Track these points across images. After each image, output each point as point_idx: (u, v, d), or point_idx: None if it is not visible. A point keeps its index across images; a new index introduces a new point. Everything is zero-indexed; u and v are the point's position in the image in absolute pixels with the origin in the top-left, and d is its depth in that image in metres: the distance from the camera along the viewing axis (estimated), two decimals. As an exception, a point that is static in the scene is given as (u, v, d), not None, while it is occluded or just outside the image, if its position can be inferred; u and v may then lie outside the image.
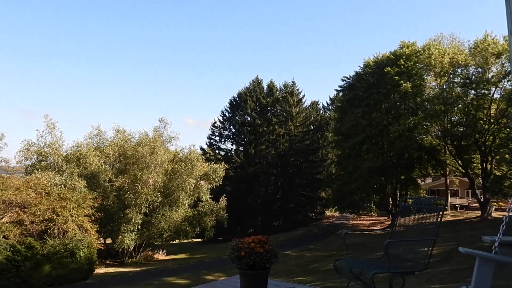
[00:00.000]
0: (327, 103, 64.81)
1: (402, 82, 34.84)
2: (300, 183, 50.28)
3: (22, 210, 25.40)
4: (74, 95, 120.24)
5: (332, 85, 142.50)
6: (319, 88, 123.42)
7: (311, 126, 55.31)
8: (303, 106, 54.85)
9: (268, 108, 52.30)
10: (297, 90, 53.66)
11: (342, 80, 42.36)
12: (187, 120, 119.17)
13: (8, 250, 22.48)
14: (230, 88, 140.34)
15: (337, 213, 54.58)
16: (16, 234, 23.70)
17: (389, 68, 35.36)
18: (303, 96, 54.28)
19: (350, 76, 41.16)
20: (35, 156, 31.66)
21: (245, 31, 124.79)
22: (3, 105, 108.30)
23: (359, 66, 40.51)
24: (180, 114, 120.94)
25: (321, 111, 62.15)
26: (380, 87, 36.34)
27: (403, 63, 35.52)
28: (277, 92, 53.46)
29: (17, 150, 31.79)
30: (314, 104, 60.01)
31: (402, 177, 38.08)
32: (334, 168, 47.18)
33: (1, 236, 22.03)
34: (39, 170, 29.39)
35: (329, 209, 54.36)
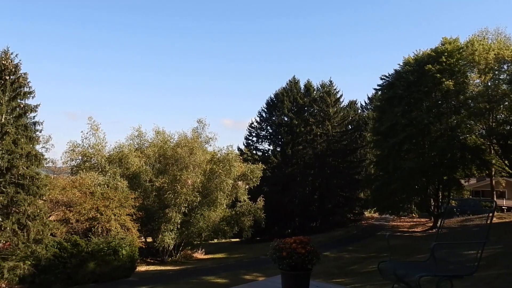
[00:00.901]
0: (366, 102, 63.78)
1: (444, 79, 33.76)
2: (338, 184, 49.65)
3: (68, 209, 26.43)
4: (116, 98, 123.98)
5: (370, 84, 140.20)
6: (357, 87, 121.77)
7: (349, 126, 54.50)
8: (341, 105, 54.14)
9: (305, 108, 51.95)
10: (335, 89, 53.04)
11: (381, 79, 41.57)
12: (224, 121, 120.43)
13: (55, 247, 23.43)
14: (267, 88, 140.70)
15: (376, 214, 53.49)
16: (63, 232, 24.67)
17: (430, 66, 34.34)
18: (341, 96, 53.63)
19: (389, 75, 40.31)
20: (80, 157, 32.84)
21: (282, 33, 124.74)
22: (49, 108, 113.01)
23: (399, 64, 39.60)
24: (217, 115, 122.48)
25: (359, 111, 61.16)
26: (421, 85, 35.36)
27: (445, 60, 34.41)
28: (314, 92, 53.02)
29: (63, 151, 33.11)
30: (352, 103, 59.14)
31: (445, 177, 36.89)
32: (373, 168, 46.30)
33: (49, 234, 22.94)
34: (84, 170, 30.48)
35: (368, 210, 53.40)
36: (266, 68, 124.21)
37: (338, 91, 53.43)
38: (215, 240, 39.30)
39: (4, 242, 21.58)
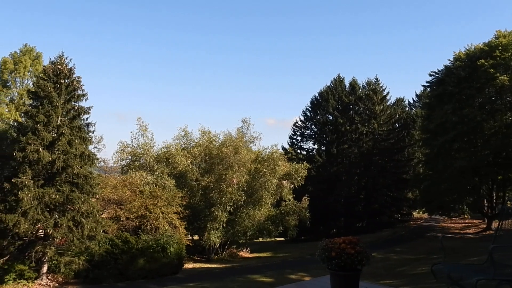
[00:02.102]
0: (414, 100, 61.92)
1: (498, 75, 32.13)
2: (385, 183, 48.55)
3: (119, 207, 27.41)
4: (162, 99, 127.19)
5: (418, 81, 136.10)
6: (404, 84, 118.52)
7: (396, 124, 53.13)
8: (388, 103, 52.84)
9: (351, 107, 51.15)
10: (381, 87, 51.87)
11: (430, 75, 40.15)
12: (268, 120, 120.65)
13: (107, 243, 24.37)
14: (311, 87, 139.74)
15: (425, 215, 51.83)
16: (114, 229, 25.61)
17: (483, 61, 32.81)
18: (387, 93, 52.38)
19: (438, 71, 38.89)
20: (130, 157, 33.97)
21: (326, 31, 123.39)
22: (99, 109, 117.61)
23: (449, 60, 38.06)
24: (261, 114, 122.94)
25: (407, 108, 59.46)
26: (473, 81, 33.87)
27: (499, 54, 32.74)
28: (360, 90, 52.09)
29: (114, 151, 34.41)
30: (399, 101, 57.59)
31: (499, 177, 35.19)
32: (421, 167, 44.90)
33: (101, 231, 23.87)
34: (133, 169, 31.51)
35: (417, 210, 51.86)
36: (310, 67, 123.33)
37: (385, 88, 52.25)
38: (260, 239, 39.50)
39: (60, 238, 22.66)
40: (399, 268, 24.30)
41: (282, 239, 43.63)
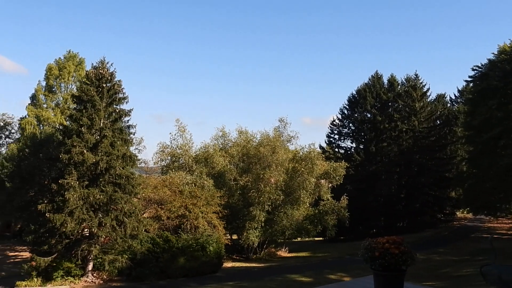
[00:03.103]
0: (455, 96, 59.85)
1: (546, 67, 30.70)
2: (426, 182, 47.22)
3: (160, 206, 28.03)
4: (199, 99, 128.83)
5: (461, 76, 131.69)
6: (445, 80, 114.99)
7: (437, 121, 51.59)
8: (428, 100, 51.39)
9: (389, 104, 50.08)
10: (421, 83, 50.50)
11: (473, 70, 38.69)
12: (304, 119, 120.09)
13: (149, 242, 24.98)
14: (347, 85, 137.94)
15: (469, 215, 50.09)
16: (155, 228, 26.21)
17: (529, 53, 31.43)
18: (428, 89, 50.92)
19: (482, 65, 37.42)
20: (169, 157, 34.64)
21: (365, 28, 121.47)
22: (139, 111, 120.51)
23: (493, 54, 36.54)
24: (297, 113, 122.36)
25: (448, 105, 57.52)
26: (519, 75, 32.46)
27: (547, 46, 31.30)
28: (399, 87, 50.92)
29: (154, 152, 35.20)
30: (440, 97, 55.86)
31: (549, 175, 33.56)
32: (465, 165, 43.36)
33: (143, 230, 24.49)
34: (173, 170, 32.11)
35: (460, 210, 50.19)
36: (347, 64, 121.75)
37: (425, 84, 50.82)
38: (299, 239, 39.34)
39: (104, 237, 23.41)
40: (442, 270, 23.62)
41: (321, 238, 43.30)
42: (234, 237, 34.74)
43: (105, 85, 24.55)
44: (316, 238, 43.15)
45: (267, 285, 21.69)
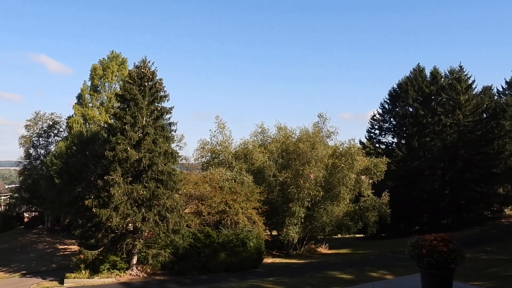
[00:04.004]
0: (503, 88, 57.22)
1: None
2: (472, 178, 45.51)
3: (200, 202, 28.48)
4: (237, 96, 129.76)
5: (508, 67, 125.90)
6: (492, 71, 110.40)
7: (484, 114, 49.50)
8: (473, 92, 49.40)
9: (432, 97, 48.53)
10: (465, 75, 48.60)
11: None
12: (343, 114, 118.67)
13: (190, 237, 25.46)
14: (388, 80, 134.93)
15: (519, 212, 48.03)
16: (196, 223, 26.67)
17: None
18: (473, 82, 48.90)
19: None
20: (209, 154, 35.09)
21: (404, 26, 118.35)
22: (179, 109, 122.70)
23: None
24: (336, 109, 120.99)
25: (496, 97, 55.12)
26: None
27: None
28: (442, 80, 49.23)
29: (194, 149, 35.76)
30: (487, 89, 53.59)
31: None
32: (514, 160, 41.59)
33: (185, 225, 24.98)
34: (213, 166, 32.51)
35: (509, 207, 48.11)
36: (386, 60, 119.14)
37: (470, 76, 48.86)
38: (339, 235, 38.96)
39: (148, 231, 24.06)
40: (490, 269, 22.73)
41: (362, 235, 42.70)
42: (274, 233, 34.83)
43: (147, 83, 25.12)
44: (357, 235, 42.58)
45: (307, 282, 21.61)
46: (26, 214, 59.18)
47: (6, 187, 70.48)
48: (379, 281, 5.22)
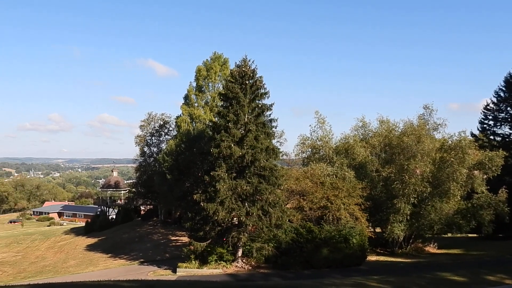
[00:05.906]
0: None
1: None
2: None
3: (302, 197, 28.68)
4: (336, 89, 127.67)
5: None
6: None
7: None
8: None
9: (559, 83, 43.33)
10: None
11: None
12: (451, 105, 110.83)
13: (292, 232, 25.80)
14: (501, 66, 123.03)
15: None
16: (298, 218, 26.95)
17: None
18: None
19: None
20: (310, 149, 35.16)
21: None
22: (278, 106, 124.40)
23: None
24: (442, 99, 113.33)
25: None
26: None
27: None
28: None
29: (295, 145, 36.04)
30: None
31: None
32: None
33: (287, 220, 25.37)
34: (313, 161, 32.53)
35: None
36: (500, 44, 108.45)
37: None
38: (449, 234, 36.60)
39: (251, 225, 24.86)
40: None
41: (475, 235, 39.67)
42: (378, 230, 33.78)
43: (248, 82, 25.88)
44: (470, 235, 39.63)
45: (415, 282, 20.62)
46: (142, 207, 64.65)
47: (125, 182, 77.26)
48: (497, 287, 4.88)
